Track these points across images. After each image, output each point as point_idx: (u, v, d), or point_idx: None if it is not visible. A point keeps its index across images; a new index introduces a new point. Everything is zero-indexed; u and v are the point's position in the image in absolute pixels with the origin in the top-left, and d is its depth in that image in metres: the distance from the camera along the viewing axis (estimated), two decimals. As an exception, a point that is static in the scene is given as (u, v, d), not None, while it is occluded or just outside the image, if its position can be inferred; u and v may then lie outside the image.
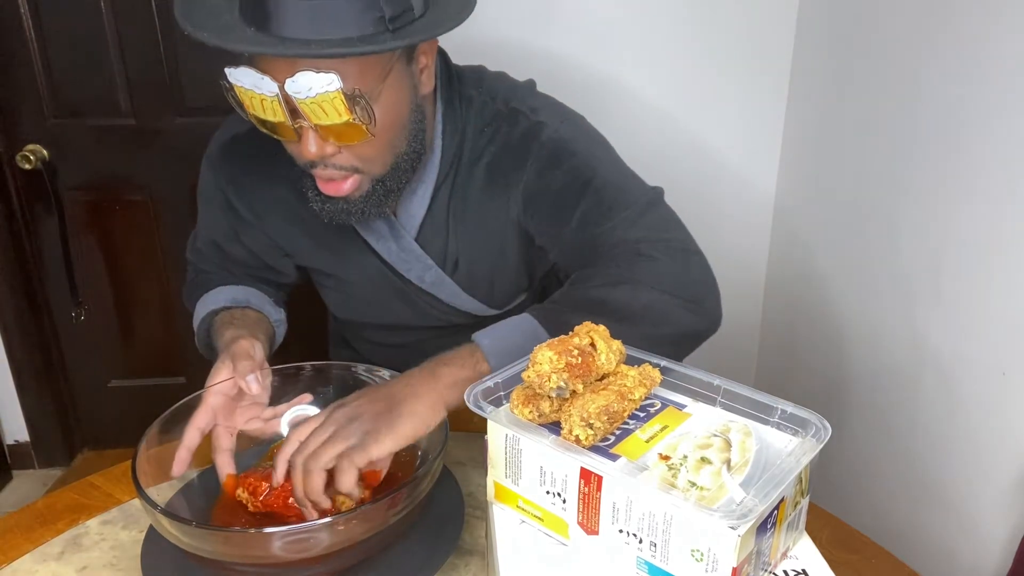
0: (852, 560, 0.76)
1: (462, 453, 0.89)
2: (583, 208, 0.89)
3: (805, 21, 1.68)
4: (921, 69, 1.29)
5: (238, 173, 1.00)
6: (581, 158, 0.91)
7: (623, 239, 0.87)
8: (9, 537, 0.79)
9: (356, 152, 0.82)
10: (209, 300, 1.01)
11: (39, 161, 1.85)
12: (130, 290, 2.04)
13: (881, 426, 1.44)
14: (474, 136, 0.94)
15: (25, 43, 1.77)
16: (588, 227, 0.89)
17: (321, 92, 0.73)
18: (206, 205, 1.05)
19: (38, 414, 2.14)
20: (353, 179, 0.85)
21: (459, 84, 0.94)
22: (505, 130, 0.93)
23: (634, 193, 0.91)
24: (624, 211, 0.88)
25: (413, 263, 1.00)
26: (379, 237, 0.98)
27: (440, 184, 0.95)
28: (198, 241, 1.08)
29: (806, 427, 0.60)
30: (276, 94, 0.75)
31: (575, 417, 0.58)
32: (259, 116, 0.79)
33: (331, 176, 0.84)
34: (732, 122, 1.80)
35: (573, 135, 0.93)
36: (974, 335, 1.19)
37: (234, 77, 0.76)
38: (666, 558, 0.54)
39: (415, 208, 0.96)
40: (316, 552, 0.64)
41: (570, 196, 0.90)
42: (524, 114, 0.93)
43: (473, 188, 0.95)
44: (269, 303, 1.05)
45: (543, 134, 0.91)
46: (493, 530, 0.63)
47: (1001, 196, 1.12)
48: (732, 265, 1.89)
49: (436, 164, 0.94)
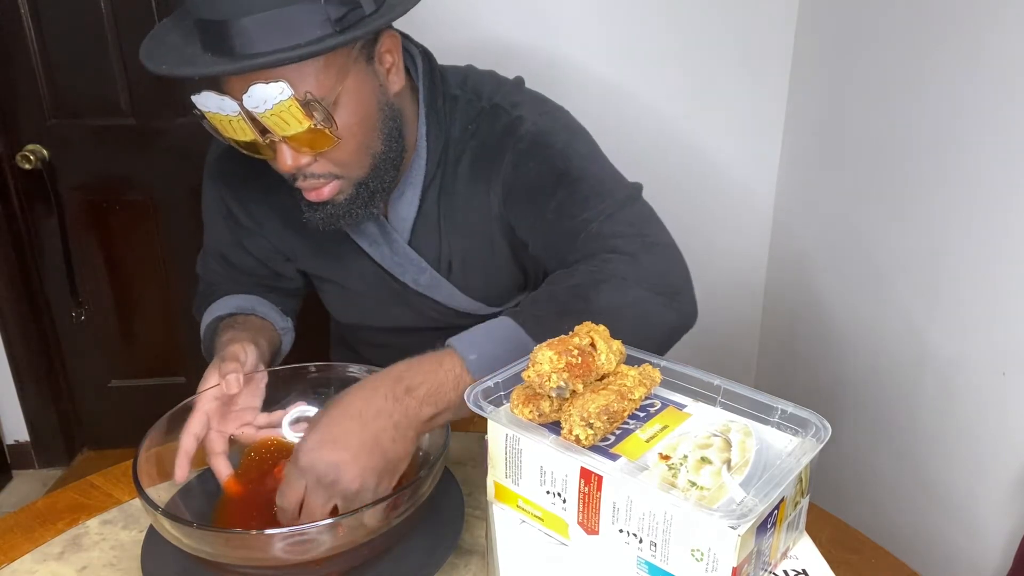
0: (852, 560, 0.76)
1: (462, 453, 0.89)
2: (559, 199, 0.89)
3: (805, 22, 1.68)
4: (921, 70, 1.29)
5: (235, 182, 1.01)
6: (558, 149, 0.91)
7: (599, 233, 0.86)
8: (9, 537, 0.79)
9: (331, 158, 0.83)
10: (215, 308, 1.02)
11: (39, 161, 1.85)
12: (130, 290, 2.04)
13: (881, 426, 1.44)
14: (459, 135, 0.94)
15: (25, 43, 1.77)
16: (564, 219, 0.88)
17: (276, 103, 0.75)
18: (210, 216, 1.06)
19: (38, 414, 2.14)
20: (333, 185, 0.85)
21: (443, 84, 0.94)
22: (486, 127, 0.93)
23: (610, 187, 0.91)
24: (600, 204, 0.88)
25: (407, 266, 1.00)
26: (372, 242, 0.98)
27: (428, 185, 0.95)
28: (207, 256, 1.09)
29: (806, 427, 0.60)
30: (238, 112, 0.76)
31: (575, 417, 0.58)
32: (233, 138, 0.80)
33: (312, 185, 0.85)
34: (731, 124, 1.80)
35: (551, 127, 0.93)
36: (974, 335, 1.19)
37: (200, 103, 0.78)
38: (666, 558, 0.54)
39: (405, 211, 0.96)
40: (317, 554, 0.64)
41: (546, 187, 0.90)
42: (505, 109, 0.93)
43: (459, 186, 0.95)
44: (276, 311, 1.05)
45: (521, 128, 0.91)
46: (493, 530, 0.63)
47: (1001, 196, 1.12)
48: (732, 266, 1.89)
49: (422, 166, 0.94)
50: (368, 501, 0.66)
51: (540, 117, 0.93)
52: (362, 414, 0.68)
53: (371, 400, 0.69)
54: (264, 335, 0.97)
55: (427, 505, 0.75)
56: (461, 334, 0.76)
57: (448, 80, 0.95)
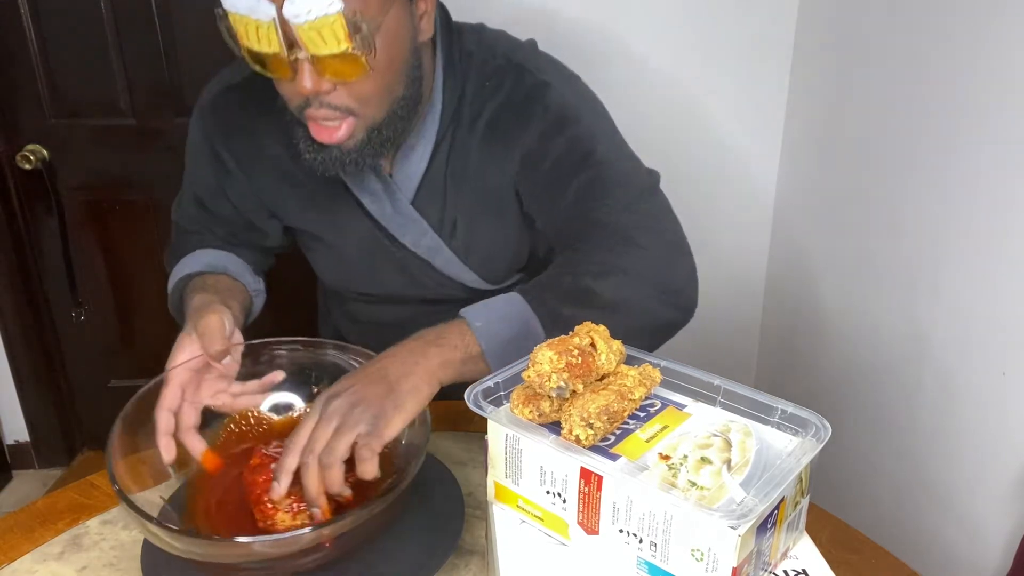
0: (852, 560, 0.76)
1: (462, 453, 0.89)
2: (581, 181, 0.87)
3: (806, 16, 1.68)
4: (922, 68, 1.29)
5: (228, 124, 0.96)
6: (585, 128, 0.89)
7: (616, 222, 0.85)
8: (9, 537, 0.79)
9: (353, 91, 0.79)
10: (186, 264, 0.97)
11: (39, 161, 1.85)
12: (130, 290, 2.04)
13: (881, 426, 1.44)
14: (474, 92, 0.91)
15: (25, 43, 1.77)
16: (583, 201, 0.87)
17: (321, 15, 0.70)
18: (193, 158, 1.01)
19: (38, 414, 2.14)
20: (348, 123, 0.81)
21: (459, 39, 0.92)
22: (509, 85, 0.90)
23: (632, 175, 0.90)
24: (621, 192, 0.87)
25: (409, 226, 0.96)
26: (374, 198, 0.95)
27: (439, 142, 0.92)
28: (183, 200, 1.04)
29: (806, 427, 0.60)
30: (273, 18, 0.71)
31: (575, 417, 0.58)
32: (252, 48, 0.74)
33: (325, 117, 0.80)
34: (731, 123, 1.79)
35: (578, 102, 0.91)
36: (974, 335, 1.19)
37: (229, 2, 0.72)
38: (666, 558, 0.54)
39: (413, 167, 0.93)
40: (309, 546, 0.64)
41: (568, 166, 0.88)
42: (529, 71, 0.90)
43: (473, 146, 0.92)
44: (248, 271, 1.01)
45: (548, 96, 0.89)
46: (493, 530, 0.63)
47: (1002, 195, 1.12)
48: (732, 265, 1.89)
49: (436, 119, 0.91)
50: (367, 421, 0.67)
51: (566, 86, 0.91)
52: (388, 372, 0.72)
53: (396, 357, 0.73)
54: (236, 297, 0.93)
55: (427, 505, 0.75)
56: (473, 307, 0.79)
57: (464, 35, 0.93)
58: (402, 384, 0.71)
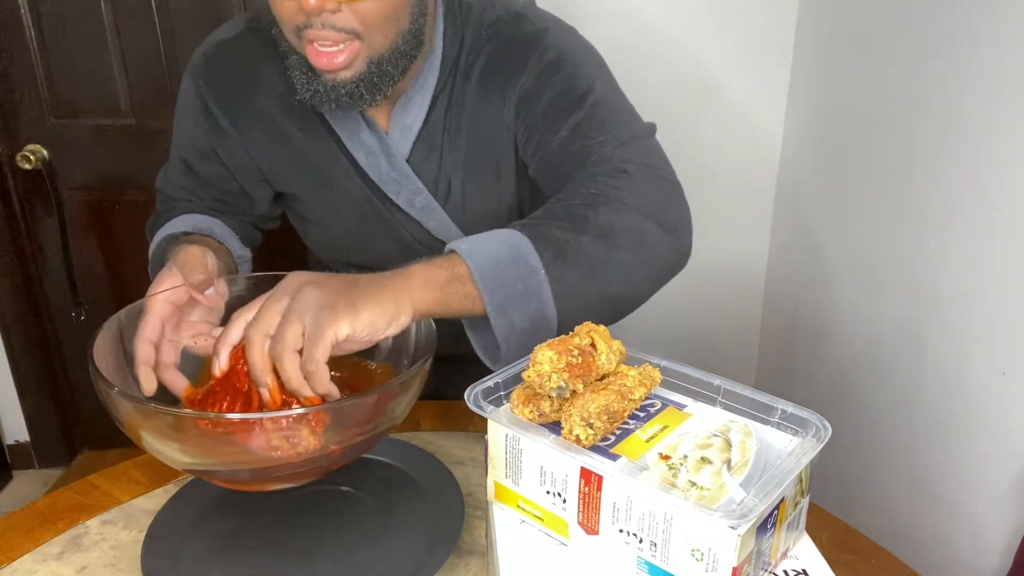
0: (852, 560, 0.76)
1: (462, 453, 0.89)
2: (577, 118, 0.86)
3: (806, 17, 1.68)
4: (925, 60, 1.29)
5: (220, 79, 0.95)
6: (583, 71, 0.88)
7: (610, 157, 0.84)
8: (9, 537, 0.79)
9: (360, 12, 0.77)
10: (169, 227, 0.94)
11: (39, 161, 1.85)
12: (130, 290, 2.04)
13: (881, 426, 1.44)
14: (472, 41, 0.91)
15: (25, 43, 1.77)
16: (578, 138, 0.86)
17: None
18: (182, 118, 0.99)
19: (38, 414, 2.14)
20: (351, 48, 0.79)
21: None
22: (507, 31, 0.90)
23: (629, 119, 0.89)
24: (616, 131, 0.85)
25: (404, 183, 0.94)
26: (368, 154, 0.93)
27: (438, 93, 0.91)
28: (169, 167, 1.02)
29: (806, 427, 0.60)
30: None
31: (575, 417, 0.58)
32: None
33: (328, 38, 0.78)
34: (731, 122, 1.79)
35: (576, 49, 0.90)
36: (974, 335, 1.19)
37: None
38: (666, 558, 0.54)
39: (411, 119, 0.92)
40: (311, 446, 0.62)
41: (565, 104, 0.87)
42: (529, 20, 0.90)
43: (469, 94, 0.91)
44: (235, 238, 0.98)
45: (546, 39, 0.88)
46: (493, 530, 0.63)
47: (1003, 194, 1.12)
48: (732, 265, 1.89)
49: (436, 67, 0.90)
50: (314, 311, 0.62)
51: (566, 35, 0.90)
52: (361, 279, 0.68)
53: (379, 273, 0.70)
54: (220, 257, 0.88)
55: (427, 505, 0.75)
56: (462, 239, 0.76)
57: None
58: (368, 289, 0.66)
